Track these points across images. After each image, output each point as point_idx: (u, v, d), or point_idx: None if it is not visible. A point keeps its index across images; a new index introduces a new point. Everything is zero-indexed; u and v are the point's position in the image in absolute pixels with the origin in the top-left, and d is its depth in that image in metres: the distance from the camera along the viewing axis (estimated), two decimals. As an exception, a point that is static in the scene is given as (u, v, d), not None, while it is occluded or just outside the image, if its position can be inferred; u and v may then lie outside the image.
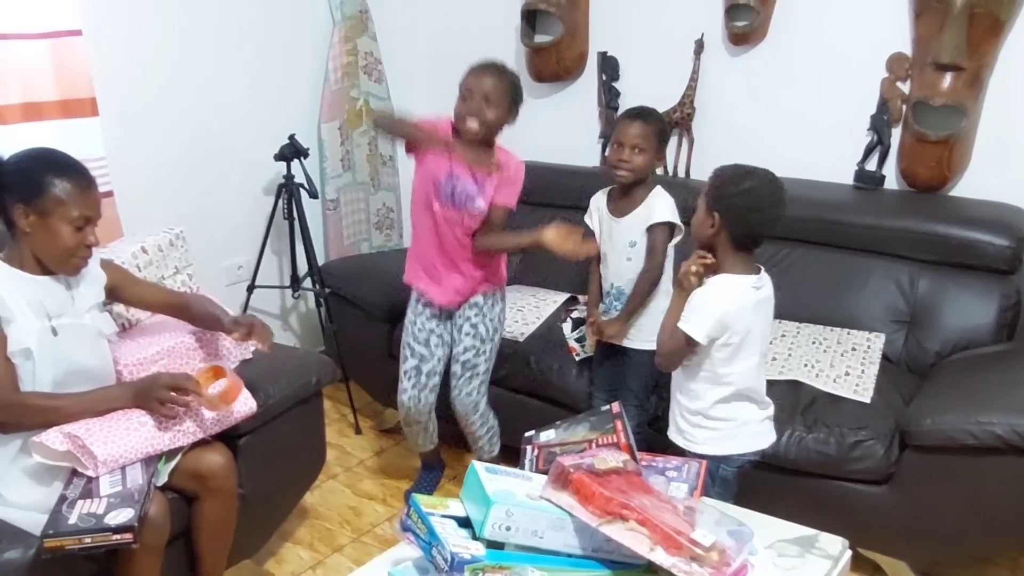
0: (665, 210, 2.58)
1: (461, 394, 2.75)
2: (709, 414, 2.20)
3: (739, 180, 2.13)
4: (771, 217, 2.13)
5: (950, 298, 2.80)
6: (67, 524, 1.84)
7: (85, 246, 2.05)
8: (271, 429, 2.43)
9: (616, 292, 2.69)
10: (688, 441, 2.25)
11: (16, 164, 2.02)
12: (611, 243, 2.67)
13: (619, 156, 2.57)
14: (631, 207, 2.62)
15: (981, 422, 2.23)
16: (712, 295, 2.12)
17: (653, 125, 2.58)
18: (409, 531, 1.62)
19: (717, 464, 2.21)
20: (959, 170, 3.00)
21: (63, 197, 1.99)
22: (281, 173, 3.48)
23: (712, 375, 2.17)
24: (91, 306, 2.17)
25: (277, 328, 3.88)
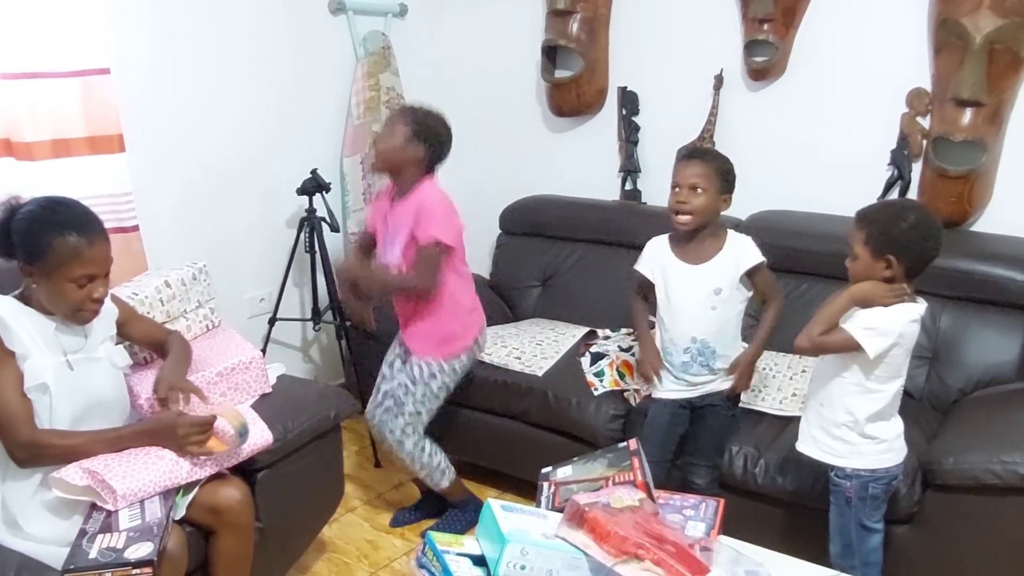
0: (756, 248, 2.48)
1: (385, 427, 2.80)
2: (864, 430, 2.18)
3: (902, 216, 2.15)
4: (940, 239, 2.16)
5: (972, 334, 2.77)
6: (87, 559, 1.85)
7: (91, 300, 2.05)
8: (289, 463, 2.44)
9: (700, 347, 2.48)
10: (827, 453, 2.24)
11: (22, 220, 2.02)
12: (684, 293, 2.49)
13: (677, 198, 2.42)
14: (709, 253, 2.47)
15: (1005, 461, 2.20)
16: (896, 319, 2.11)
17: (712, 163, 2.45)
18: (424, 568, 1.62)
19: (866, 483, 2.20)
20: (980, 205, 2.98)
21: (64, 258, 1.98)
22: (303, 207, 3.52)
23: (865, 390, 2.16)
24: (104, 339, 2.20)
25: (298, 360, 3.91)
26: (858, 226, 2.17)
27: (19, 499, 2.04)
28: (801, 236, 3.12)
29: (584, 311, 3.43)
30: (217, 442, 2.14)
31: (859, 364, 2.15)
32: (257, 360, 2.56)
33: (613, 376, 2.97)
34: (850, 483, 2.21)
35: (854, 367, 2.15)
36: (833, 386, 2.20)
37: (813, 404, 2.28)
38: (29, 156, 2.71)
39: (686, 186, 2.42)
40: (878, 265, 2.12)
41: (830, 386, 2.21)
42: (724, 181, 2.44)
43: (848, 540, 2.26)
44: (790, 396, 2.78)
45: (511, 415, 3.07)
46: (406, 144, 2.62)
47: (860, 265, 2.15)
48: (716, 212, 2.46)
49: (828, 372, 2.22)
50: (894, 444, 2.22)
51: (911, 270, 2.12)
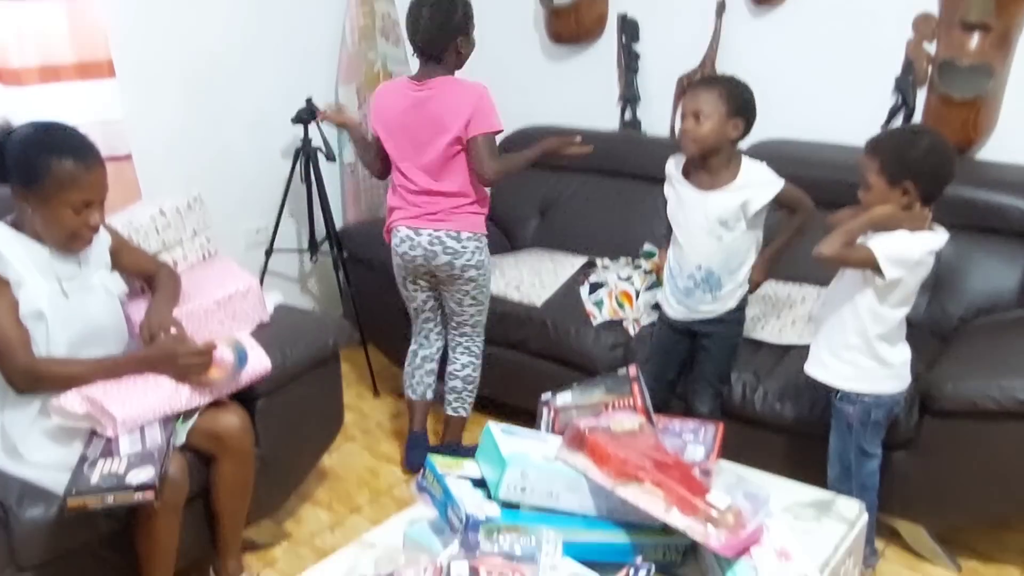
0: (772, 177, 2.42)
1: None
2: (876, 353, 2.18)
3: (917, 141, 2.13)
4: (955, 162, 2.15)
5: (974, 262, 2.76)
6: (89, 483, 1.86)
7: (87, 227, 2.03)
8: (288, 391, 2.44)
9: (705, 275, 2.45)
10: (834, 376, 2.24)
11: (17, 144, 1.98)
12: (693, 219, 2.44)
13: (684, 126, 2.38)
14: (720, 181, 2.40)
15: (1003, 387, 2.21)
16: (918, 247, 2.10)
17: (719, 89, 2.36)
18: (425, 492, 1.63)
19: (868, 408, 2.21)
20: (986, 132, 2.94)
21: (62, 182, 1.95)
22: (298, 136, 3.47)
23: (876, 314, 2.16)
24: (98, 267, 2.18)
25: (295, 292, 3.90)
26: (870, 155, 2.14)
27: (19, 426, 2.05)
28: (804, 165, 3.06)
29: (583, 241, 3.41)
30: (216, 370, 2.14)
31: (873, 288, 2.13)
32: (254, 289, 2.54)
33: (612, 305, 2.96)
34: (853, 408, 2.22)
35: (868, 291, 2.14)
36: (845, 309, 2.19)
37: (824, 327, 2.27)
38: (17, 81, 2.66)
39: (690, 112, 2.38)
40: (894, 193, 2.09)
41: (842, 309, 2.20)
42: (732, 104, 2.35)
43: (847, 464, 2.28)
44: (790, 324, 2.78)
45: (510, 345, 3.07)
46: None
47: (875, 195, 2.12)
48: (724, 138, 2.37)
49: (841, 295, 2.21)
50: (901, 371, 2.22)
51: (928, 196, 2.10)
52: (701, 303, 2.50)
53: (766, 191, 2.40)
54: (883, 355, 2.19)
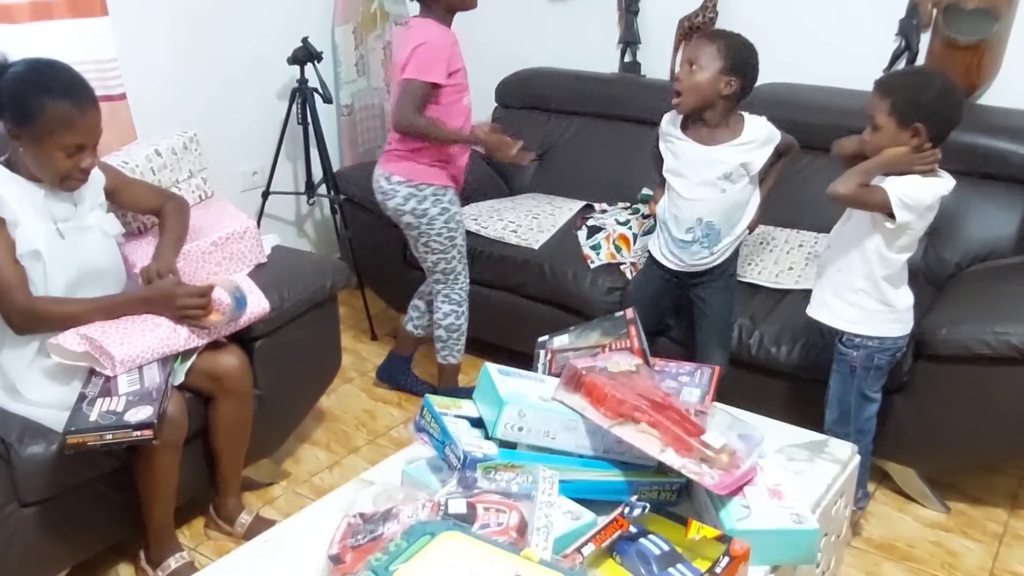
0: (773, 131, 2.41)
1: None
2: (882, 297, 2.18)
3: (929, 83, 2.12)
4: (964, 105, 2.14)
5: (972, 208, 2.75)
6: (88, 421, 1.87)
7: (79, 170, 2.00)
8: (286, 332, 2.45)
9: (705, 229, 2.44)
10: (839, 319, 2.24)
11: (11, 81, 1.95)
12: (695, 173, 2.41)
13: (678, 74, 2.37)
14: (722, 136, 2.38)
15: (997, 332, 2.22)
16: (929, 192, 2.09)
17: (720, 43, 2.32)
18: (423, 431, 1.64)
19: (872, 353, 2.22)
20: (988, 77, 2.91)
21: (55, 124, 1.92)
22: (295, 77, 3.43)
23: (883, 258, 2.15)
24: (93, 207, 2.16)
25: (292, 235, 3.89)
26: (881, 95, 2.11)
27: (17, 366, 2.05)
28: (805, 109, 3.06)
29: (581, 185, 3.40)
30: (215, 313, 2.14)
31: (882, 231, 2.12)
32: (252, 230, 2.54)
33: (610, 249, 2.97)
34: (856, 353, 2.23)
35: (876, 234, 2.14)
36: (852, 252, 2.19)
37: (829, 270, 2.26)
38: (9, 18, 2.61)
39: (685, 62, 2.36)
40: (903, 135, 2.07)
41: (849, 252, 2.20)
42: (728, 62, 2.31)
43: (846, 408, 2.29)
44: (786, 270, 2.78)
45: (507, 288, 3.08)
46: None
47: (884, 136, 2.10)
48: (715, 93, 2.33)
49: (847, 238, 2.20)
50: (905, 315, 2.23)
51: (937, 138, 2.09)
52: (696, 256, 2.49)
53: (767, 148, 2.41)
54: (889, 298, 2.19)
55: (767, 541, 1.47)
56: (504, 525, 1.37)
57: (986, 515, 2.51)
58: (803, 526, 1.52)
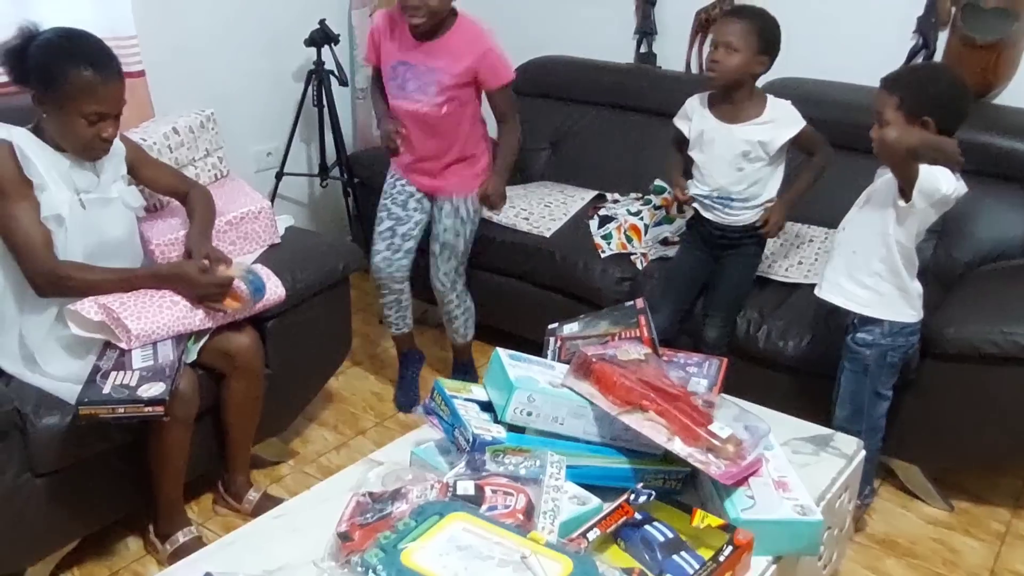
0: (796, 115, 2.47)
1: (439, 273, 2.78)
2: (899, 281, 2.18)
3: (937, 76, 2.16)
4: (971, 99, 2.16)
5: (983, 208, 2.74)
6: (101, 394, 1.90)
7: (100, 139, 2.03)
8: (298, 313, 2.47)
9: (721, 196, 2.52)
10: (851, 301, 2.23)
11: (39, 47, 1.98)
12: (714, 150, 2.50)
13: (711, 57, 2.41)
14: (745, 115, 2.46)
15: (1005, 332, 2.22)
16: (951, 184, 2.07)
17: (751, 22, 2.38)
18: (432, 414, 1.66)
19: (885, 351, 2.22)
20: (1005, 78, 2.90)
21: (78, 91, 1.94)
22: (311, 59, 3.44)
23: (898, 243, 2.14)
24: (116, 179, 2.18)
25: (304, 216, 3.90)
26: (888, 90, 2.11)
27: (36, 335, 2.08)
28: (821, 105, 3.02)
29: (594, 174, 3.40)
30: (232, 301, 2.15)
31: (901, 217, 2.11)
32: (266, 210, 2.56)
33: (621, 239, 2.98)
34: (869, 351, 2.23)
35: (892, 220, 2.13)
36: (871, 235, 2.17)
37: (843, 251, 2.25)
38: (30, -6, 2.62)
39: (721, 43, 2.39)
40: (911, 129, 2.07)
41: (868, 235, 2.18)
42: (763, 41, 2.39)
43: (859, 406, 2.28)
44: (796, 264, 2.79)
45: (518, 275, 3.09)
46: None
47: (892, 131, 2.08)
48: (750, 73, 2.42)
49: (867, 220, 2.19)
50: (916, 302, 2.23)
51: (945, 132, 2.08)
52: (716, 215, 2.57)
53: (788, 130, 2.44)
54: (905, 283, 2.19)
55: (771, 531, 1.50)
56: (511, 508, 1.39)
57: (989, 514, 2.52)
58: (807, 518, 1.54)
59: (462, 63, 2.54)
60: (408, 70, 2.58)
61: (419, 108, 2.60)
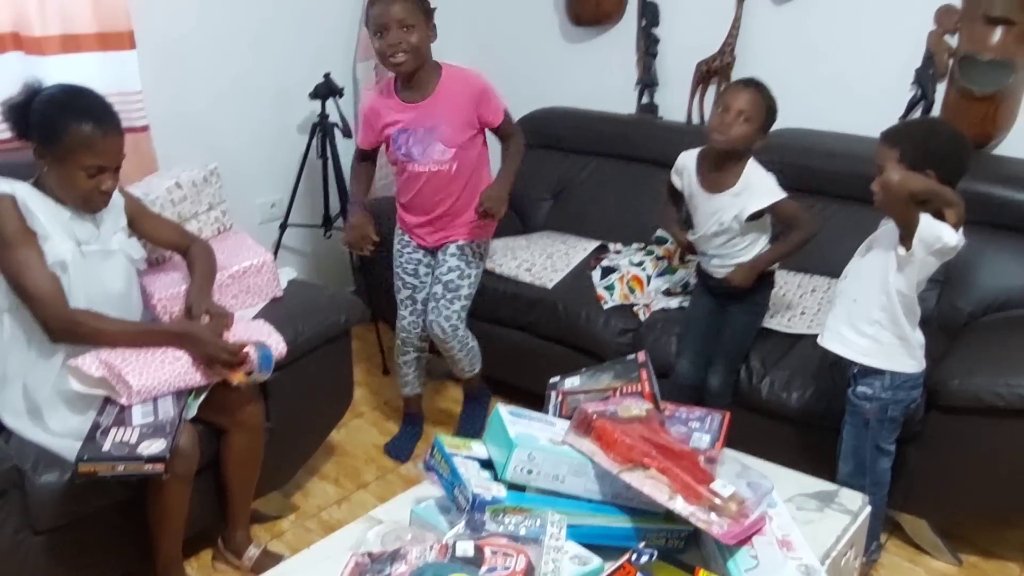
0: (774, 186, 2.48)
1: (440, 316, 2.73)
2: (898, 331, 2.17)
3: (938, 130, 2.18)
4: (971, 153, 2.18)
5: (987, 258, 2.75)
6: (101, 451, 1.89)
7: (100, 192, 2.05)
8: (300, 367, 2.46)
9: (706, 254, 2.62)
10: (852, 351, 2.22)
11: (41, 102, 2.02)
12: (698, 216, 2.59)
13: (722, 119, 2.42)
14: (724, 184, 2.50)
15: (1010, 384, 2.21)
16: (955, 239, 2.08)
17: (764, 96, 2.44)
18: (432, 471, 1.65)
19: (886, 405, 2.21)
20: (1004, 128, 2.92)
21: (77, 144, 1.98)
22: (316, 112, 3.47)
23: (899, 293, 2.14)
24: (116, 231, 2.20)
25: (308, 267, 3.91)
26: (889, 144, 2.12)
27: (41, 388, 2.08)
28: (821, 156, 3.08)
29: (596, 225, 3.41)
30: (238, 374, 2.13)
31: (901, 265, 2.11)
32: (268, 263, 2.56)
33: (623, 290, 2.98)
34: (870, 405, 2.22)
35: (892, 269, 2.12)
36: (872, 284, 2.17)
37: (844, 300, 2.25)
38: (39, 51, 2.67)
39: (735, 110, 2.42)
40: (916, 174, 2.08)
41: (869, 284, 2.18)
42: (769, 116, 2.46)
43: (860, 460, 2.27)
44: (799, 315, 2.78)
45: (520, 326, 3.09)
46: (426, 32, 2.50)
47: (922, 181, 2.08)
48: (750, 145, 2.47)
49: (869, 269, 2.19)
50: (917, 352, 2.22)
51: (947, 185, 2.09)
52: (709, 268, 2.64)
53: (760, 199, 2.47)
54: (906, 333, 2.18)
55: (775, 592, 1.47)
56: (511, 569, 1.37)
57: (998, 569, 2.49)
58: (812, 578, 1.51)
59: (461, 111, 2.57)
60: (409, 136, 2.59)
61: (430, 169, 2.62)
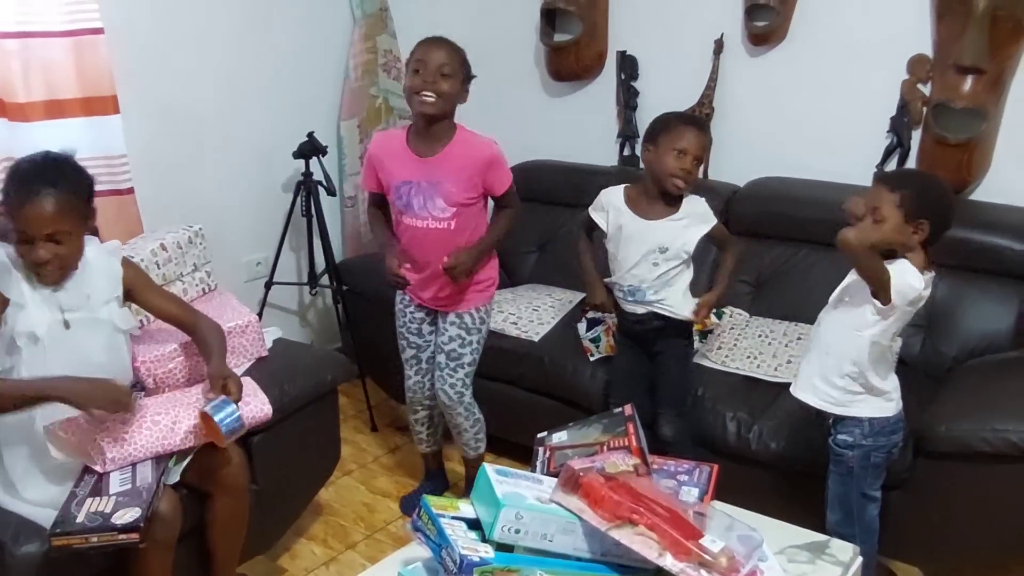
0: (709, 212, 2.56)
1: (445, 384, 2.72)
2: (867, 382, 2.18)
3: (936, 183, 2.22)
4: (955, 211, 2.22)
5: (968, 303, 2.78)
6: (74, 523, 1.86)
7: (33, 262, 2.01)
8: (286, 426, 2.45)
9: (631, 291, 2.58)
10: (825, 402, 2.23)
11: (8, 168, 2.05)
12: (632, 245, 2.55)
13: (682, 165, 2.45)
14: (665, 212, 2.53)
15: (997, 429, 2.21)
16: (913, 279, 2.10)
17: (707, 134, 2.58)
18: (419, 532, 1.63)
19: (868, 452, 2.21)
20: (979, 174, 2.97)
21: (11, 210, 1.97)
22: (300, 170, 3.50)
23: (873, 343, 2.15)
24: (108, 300, 2.17)
25: (295, 325, 3.91)
26: (890, 188, 2.12)
27: (16, 462, 2.05)
28: (798, 203, 3.12)
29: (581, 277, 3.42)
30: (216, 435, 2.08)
31: (875, 315, 2.12)
32: (253, 324, 2.56)
33: (609, 342, 2.97)
34: (852, 452, 2.22)
35: (867, 319, 2.13)
36: (844, 336, 2.18)
37: (817, 352, 2.26)
38: (23, 117, 2.68)
39: (693, 155, 2.46)
40: (907, 228, 2.10)
41: (841, 336, 2.19)
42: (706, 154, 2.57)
43: (848, 509, 2.27)
44: (785, 363, 2.79)
45: (507, 380, 3.08)
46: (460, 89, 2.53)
47: (888, 227, 2.11)
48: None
49: (840, 322, 2.21)
50: (892, 395, 2.23)
51: (932, 238, 2.12)
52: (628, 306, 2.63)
53: (702, 227, 2.54)
54: (874, 383, 2.19)
55: (767, 650, 1.45)
56: (501, 633, 1.35)
57: (994, 615, 2.47)
58: (804, 633, 1.50)
59: (466, 172, 2.54)
60: (411, 188, 2.57)
61: (427, 224, 2.57)
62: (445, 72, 2.46)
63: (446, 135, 2.56)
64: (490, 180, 2.59)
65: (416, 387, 2.82)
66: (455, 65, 2.49)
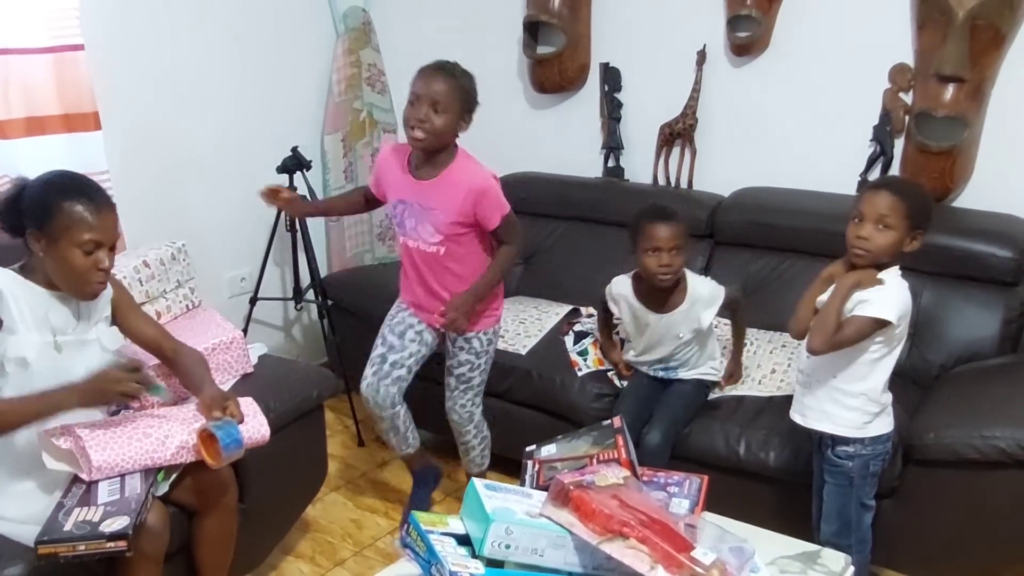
0: (714, 286, 2.65)
1: (456, 405, 2.73)
2: (880, 399, 2.19)
3: (928, 198, 2.23)
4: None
5: (953, 310, 2.79)
6: (61, 531, 1.84)
7: (98, 270, 2.02)
8: (272, 443, 2.39)
9: (663, 367, 2.77)
10: (842, 427, 2.20)
11: (32, 187, 2.02)
12: (648, 333, 2.71)
13: (659, 262, 2.55)
14: (672, 303, 2.64)
15: (985, 436, 2.22)
16: (900, 287, 2.12)
17: (684, 225, 2.60)
18: (408, 548, 1.62)
19: (867, 461, 2.21)
20: (962, 181, 2.99)
21: (71, 221, 1.96)
22: (284, 185, 3.48)
23: (881, 359, 2.15)
24: (98, 320, 2.16)
25: (280, 340, 3.89)
26: (900, 197, 2.10)
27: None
28: (783, 213, 3.13)
29: (567, 289, 3.42)
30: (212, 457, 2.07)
31: (882, 335, 2.12)
32: (238, 340, 2.54)
33: (597, 355, 2.97)
34: (852, 463, 2.21)
35: (877, 340, 2.13)
36: (854, 359, 2.15)
37: (823, 377, 2.20)
38: (3, 134, 2.67)
39: (667, 249, 2.54)
40: (906, 238, 2.11)
41: (851, 360, 2.15)
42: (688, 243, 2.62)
43: (847, 520, 2.25)
44: (769, 374, 2.79)
45: (494, 394, 3.05)
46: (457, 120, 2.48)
47: (894, 236, 2.09)
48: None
49: (845, 355, 2.15)
50: (890, 408, 2.24)
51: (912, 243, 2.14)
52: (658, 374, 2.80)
53: (713, 305, 2.63)
54: (884, 400, 2.21)
55: (761, 662, 1.45)
56: (491, 650, 1.34)
57: (986, 622, 2.47)
58: (797, 645, 1.49)
59: (457, 203, 2.49)
60: (406, 208, 2.56)
61: (418, 246, 2.57)
62: (438, 108, 2.42)
63: (445, 161, 2.53)
64: (480, 212, 2.51)
65: (368, 391, 2.65)
66: (450, 98, 2.43)
